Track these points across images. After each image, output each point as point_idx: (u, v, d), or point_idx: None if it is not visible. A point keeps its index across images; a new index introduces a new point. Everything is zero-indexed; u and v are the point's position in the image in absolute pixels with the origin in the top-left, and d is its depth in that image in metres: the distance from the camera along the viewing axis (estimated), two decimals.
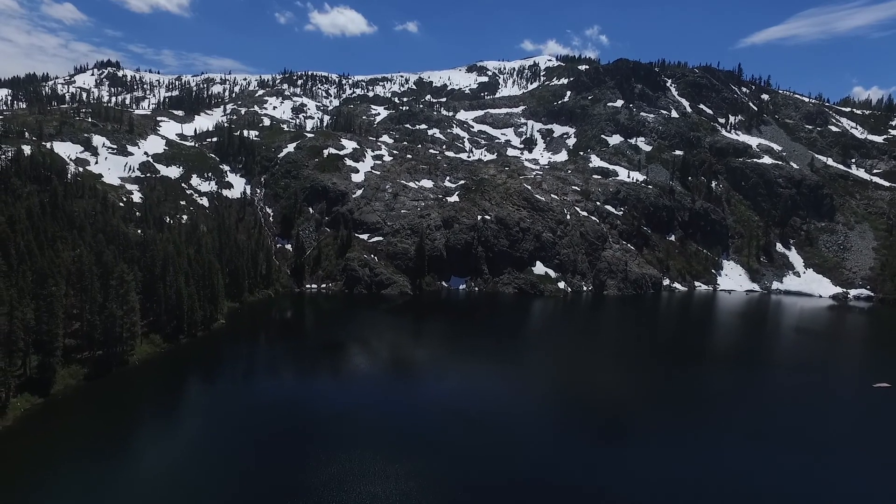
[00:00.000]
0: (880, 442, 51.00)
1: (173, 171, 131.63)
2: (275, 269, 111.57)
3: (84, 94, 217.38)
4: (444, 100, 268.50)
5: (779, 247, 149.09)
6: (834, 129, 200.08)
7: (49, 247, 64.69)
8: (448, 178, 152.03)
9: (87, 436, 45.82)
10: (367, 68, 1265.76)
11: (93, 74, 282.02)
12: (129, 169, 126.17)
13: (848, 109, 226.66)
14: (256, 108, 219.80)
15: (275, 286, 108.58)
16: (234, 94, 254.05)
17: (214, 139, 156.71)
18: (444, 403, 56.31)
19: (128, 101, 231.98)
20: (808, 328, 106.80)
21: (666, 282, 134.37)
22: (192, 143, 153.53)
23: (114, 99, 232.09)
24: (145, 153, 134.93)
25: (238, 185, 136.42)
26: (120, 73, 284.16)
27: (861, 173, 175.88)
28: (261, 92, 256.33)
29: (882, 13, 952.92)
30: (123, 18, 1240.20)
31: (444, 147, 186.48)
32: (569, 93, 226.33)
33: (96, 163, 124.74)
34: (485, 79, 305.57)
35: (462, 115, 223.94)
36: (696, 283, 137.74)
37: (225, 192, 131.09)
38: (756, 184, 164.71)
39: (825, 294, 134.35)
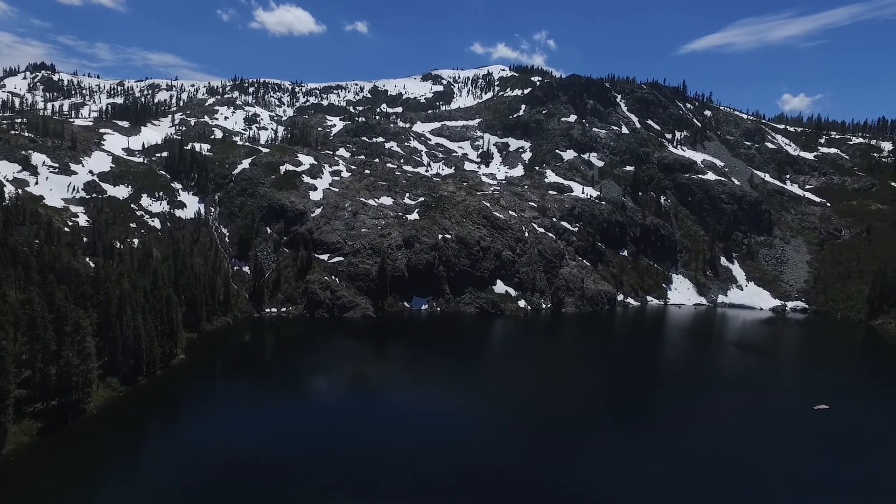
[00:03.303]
0: (822, 468, 55.00)
1: (122, 191, 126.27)
2: (233, 293, 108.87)
3: (16, 101, 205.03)
4: (400, 110, 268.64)
5: (723, 261, 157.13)
6: (770, 145, 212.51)
7: None
8: (408, 194, 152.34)
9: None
10: (319, 74, 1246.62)
11: (25, 78, 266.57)
12: (74, 189, 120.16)
13: (782, 126, 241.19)
14: (207, 118, 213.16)
15: (233, 312, 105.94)
16: (181, 103, 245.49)
17: (164, 154, 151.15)
18: (413, 434, 57.22)
19: (66, 108, 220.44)
20: (750, 344, 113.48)
21: (620, 297, 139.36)
22: (141, 159, 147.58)
23: (50, 105, 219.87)
24: (90, 172, 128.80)
25: (191, 205, 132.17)
26: (56, 77, 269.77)
27: (795, 189, 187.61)
28: (211, 100, 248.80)
29: (810, 25, 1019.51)
30: (51, 9, 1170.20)
31: (401, 161, 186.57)
32: (523, 106, 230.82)
33: (36, 183, 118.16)
34: (440, 88, 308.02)
35: (419, 127, 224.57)
36: (649, 298, 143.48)
37: (178, 213, 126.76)
38: (701, 199, 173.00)
39: (765, 307, 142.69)
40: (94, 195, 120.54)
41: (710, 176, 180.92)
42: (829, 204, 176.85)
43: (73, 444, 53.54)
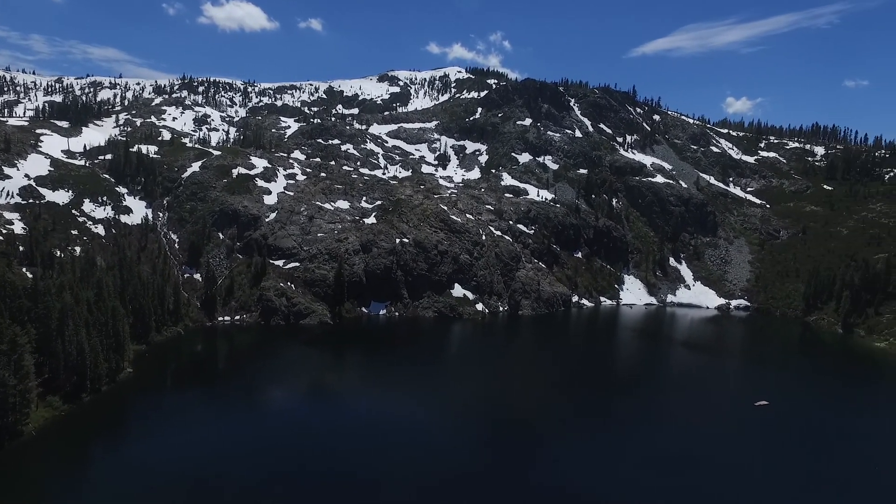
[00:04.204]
0: (762, 464, 58.07)
1: (61, 196, 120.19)
2: (183, 302, 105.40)
3: None
4: (356, 111, 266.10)
5: (672, 261, 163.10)
6: (715, 149, 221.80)
7: None
8: (365, 198, 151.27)
9: None
10: (273, 73, 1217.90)
11: None
12: (8, 195, 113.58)
13: (725, 131, 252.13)
14: (154, 118, 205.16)
15: (184, 321, 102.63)
16: (126, 102, 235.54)
17: (108, 157, 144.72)
18: (374, 441, 57.14)
19: None
20: (697, 342, 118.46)
21: (575, 298, 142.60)
22: (83, 162, 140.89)
23: None
24: (26, 175, 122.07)
25: (138, 210, 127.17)
26: None
27: (738, 191, 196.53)
28: (158, 100, 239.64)
29: (751, 31, 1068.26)
30: None
31: (358, 164, 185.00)
32: (480, 109, 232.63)
33: None
34: (396, 89, 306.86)
35: (375, 129, 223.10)
36: (602, 299, 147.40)
37: (123, 219, 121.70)
38: (651, 202, 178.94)
39: (711, 305, 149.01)
40: (30, 201, 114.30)
41: (659, 179, 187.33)
42: (768, 206, 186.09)
43: (8, 469, 50.83)
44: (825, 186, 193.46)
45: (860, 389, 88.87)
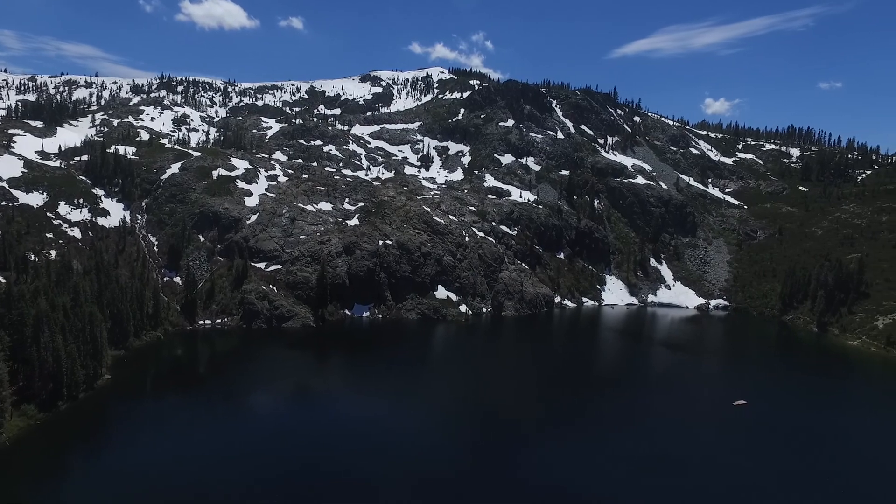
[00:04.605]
0: (740, 463, 59.21)
1: (36, 199, 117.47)
2: (163, 306, 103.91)
3: None
4: (338, 111, 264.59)
5: (652, 262, 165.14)
6: (694, 151, 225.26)
7: None
8: (347, 199, 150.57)
9: None
10: (254, 73, 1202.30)
11: None
12: None
13: (704, 133, 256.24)
14: (131, 118, 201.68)
15: (164, 325, 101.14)
16: (103, 101, 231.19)
17: (84, 158, 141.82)
18: (358, 444, 57.04)
19: None
20: (677, 342, 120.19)
21: (557, 299, 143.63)
22: (58, 163, 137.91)
23: None
24: None
25: (115, 212, 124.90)
26: None
27: (716, 192, 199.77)
28: (136, 99, 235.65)
29: (729, 33, 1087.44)
30: None
31: (340, 165, 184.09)
32: (462, 110, 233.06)
33: None
34: (379, 89, 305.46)
35: (358, 130, 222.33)
36: (584, 299, 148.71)
37: (100, 221, 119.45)
38: (632, 202, 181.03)
39: (691, 305, 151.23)
40: (3, 203, 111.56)
41: (640, 180, 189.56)
42: (746, 206, 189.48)
43: None
44: (800, 188, 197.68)
45: (834, 388, 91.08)
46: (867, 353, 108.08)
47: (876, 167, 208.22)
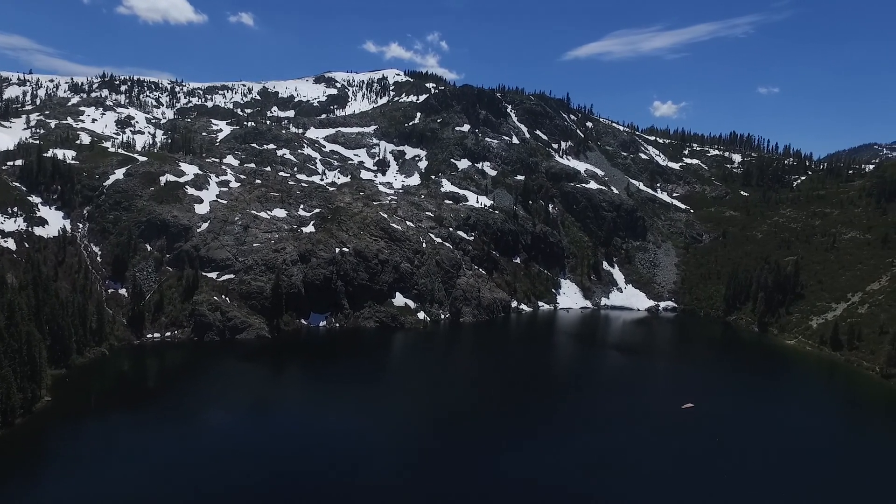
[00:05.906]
0: (687, 467, 61.87)
1: None
2: (108, 320, 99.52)
3: None
4: (292, 113, 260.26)
5: (605, 265, 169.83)
6: (643, 156, 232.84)
7: None
8: (302, 206, 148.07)
9: None
10: (203, 72, 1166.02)
11: None
12: None
13: (653, 138, 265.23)
14: (70, 120, 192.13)
15: (109, 340, 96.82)
16: (38, 100, 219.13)
17: (18, 162, 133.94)
18: (315, 457, 56.47)
19: None
20: (627, 345, 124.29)
21: (514, 304, 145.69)
22: None
23: None
24: None
25: (54, 222, 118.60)
26: None
27: (665, 197, 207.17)
28: (75, 99, 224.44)
29: (676, 38, 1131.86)
30: None
31: (295, 169, 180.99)
32: (419, 114, 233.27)
33: None
34: (334, 91, 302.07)
35: (313, 133, 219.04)
36: (540, 303, 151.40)
37: (37, 231, 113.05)
38: (585, 207, 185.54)
39: (642, 307, 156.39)
40: None
41: (593, 185, 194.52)
42: (692, 210, 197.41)
43: None
44: (742, 192, 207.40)
45: (772, 385, 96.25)
46: (802, 352, 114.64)
47: (809, 173, 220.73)
